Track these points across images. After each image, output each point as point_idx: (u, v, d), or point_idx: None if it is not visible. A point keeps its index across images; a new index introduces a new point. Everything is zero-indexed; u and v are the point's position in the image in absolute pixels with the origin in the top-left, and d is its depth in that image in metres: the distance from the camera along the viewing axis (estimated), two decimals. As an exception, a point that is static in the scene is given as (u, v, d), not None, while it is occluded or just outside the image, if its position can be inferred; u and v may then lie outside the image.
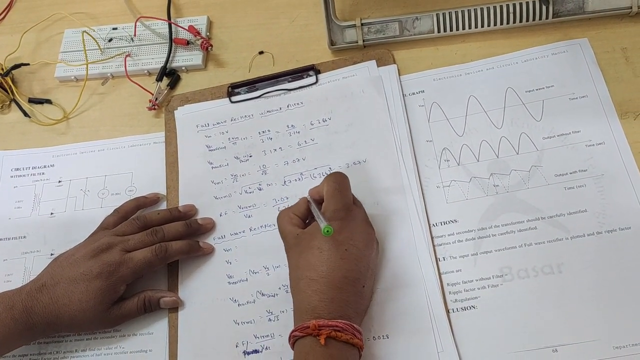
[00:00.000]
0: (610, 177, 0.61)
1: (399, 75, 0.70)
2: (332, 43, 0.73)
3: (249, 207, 0.66)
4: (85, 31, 0.78)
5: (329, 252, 0.54)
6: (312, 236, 0.56)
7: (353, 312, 0.54)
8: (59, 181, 0.72)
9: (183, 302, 0.62)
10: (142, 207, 0.67)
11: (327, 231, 0.53)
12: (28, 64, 0.80)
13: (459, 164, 0.64)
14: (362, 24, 0.72)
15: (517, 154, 0.64)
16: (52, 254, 0.67)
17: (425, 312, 0.57)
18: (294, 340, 0.53)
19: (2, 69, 0.79)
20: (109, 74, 0.78)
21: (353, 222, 0.57)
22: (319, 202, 0.59)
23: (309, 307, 0.53)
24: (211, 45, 0.76)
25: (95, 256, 0.60)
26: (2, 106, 0.79)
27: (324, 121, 0.69)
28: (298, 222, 0.59)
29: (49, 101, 0.78)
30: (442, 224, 0.62)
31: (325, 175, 0.61)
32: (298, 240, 0.57)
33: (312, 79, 0.72)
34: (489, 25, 0.71)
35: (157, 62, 0.77)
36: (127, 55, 0.77)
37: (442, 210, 0.62)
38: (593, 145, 0.63)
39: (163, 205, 0.68)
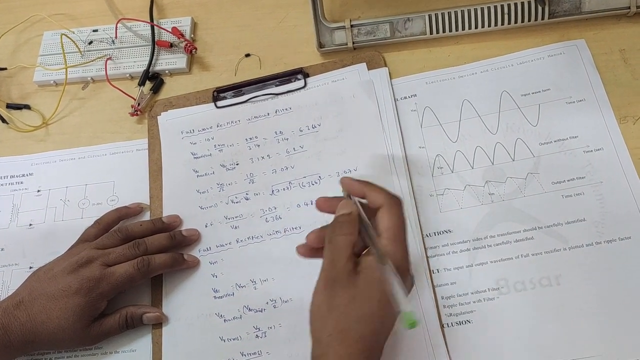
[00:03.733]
0: (609, 184, 0.59)
1: (390, 78, 0.68)
2: (320, 45, 0.70)
3: (236, 217, 0.63)
4: (64, 34, 0.76)
5: (384, 305, 0.44)
6: (370, 284, 0.46)
7: None
8: (38, 190, 0.69)
9: (167, 318, 0.60)
10: (124, 217, 0.65)
11: (411, 323, 0.39)
12: (5, 69, 0.77)
13: (452, 172, 0.62)
14: (351, 26, 0.69)
15: (513, 160, 0.62)
16: (31, 267, 0.64)
17: (419, 327, 0.55)
18: None
19: (-21, 74, 0.77)
20: (89, 78, 0.75)
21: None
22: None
23: None
24: (195, 48, 0.74)
25: (75, 271, 0.57)
26: (-22, 112, 0.76)
27: (313, 127, 0.66)
28: (354, 256, 0.47)
29: (27, 107, 0.75)
30: (436, 234, 0.59)
31: (315, 183, 0.58)
32: (353, 280, 0.46)
33: (300, 83, 0.69)
34: (483, 26, 0.68)
35: (139, 66, 0.74)
36: (108, 59, 0.74)
37: (435, 220, 0.60)
38: (591, 151, 0.61)
39: (146, 216, 0.66)
